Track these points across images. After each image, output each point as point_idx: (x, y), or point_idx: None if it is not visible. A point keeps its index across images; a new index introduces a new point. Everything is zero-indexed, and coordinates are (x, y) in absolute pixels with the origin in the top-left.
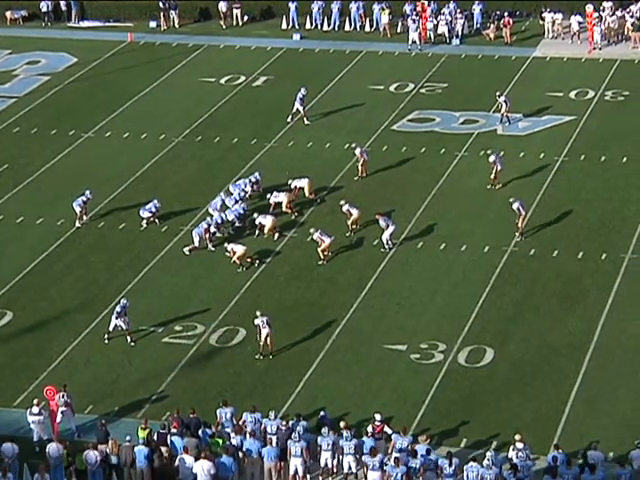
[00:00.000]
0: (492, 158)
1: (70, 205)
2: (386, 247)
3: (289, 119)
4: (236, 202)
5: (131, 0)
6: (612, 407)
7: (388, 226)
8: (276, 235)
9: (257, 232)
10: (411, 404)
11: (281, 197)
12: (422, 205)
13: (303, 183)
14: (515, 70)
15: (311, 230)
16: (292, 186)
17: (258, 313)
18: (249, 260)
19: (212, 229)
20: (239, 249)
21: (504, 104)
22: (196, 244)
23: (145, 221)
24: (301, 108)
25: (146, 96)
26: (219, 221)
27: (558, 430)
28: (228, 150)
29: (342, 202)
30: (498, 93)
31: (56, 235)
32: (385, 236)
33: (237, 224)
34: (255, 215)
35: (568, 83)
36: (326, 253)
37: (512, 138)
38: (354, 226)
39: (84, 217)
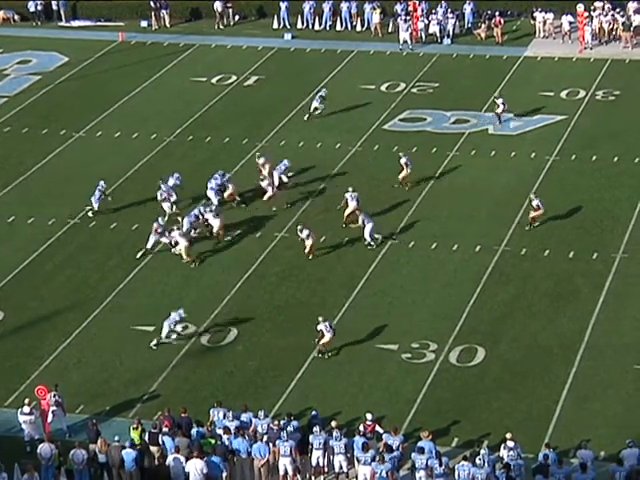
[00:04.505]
0: (403, 160)
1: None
2: (372, 243)
3: (306, 118)
4: (216, 194)
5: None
6: (603, 406)
7: (366, 223)
8: (225, 238)
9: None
10: (402, 403)
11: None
12: (413, 204)
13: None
14: (506, 70)
15: (299, 227)
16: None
17: (320, 319)
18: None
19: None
20: (182, 241)
21: (502, 105)
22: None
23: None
24: (321, 106)
25: (137, 96)
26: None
27: (549, 429)
28: (219, 150)
29: (350, 189)
30: (496, 94)
31: (47, 235)
32: (366, 234)
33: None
34: (206, 213)
35: (559, 83)
36: (312, 251)
37: (503, 137)
38: (348, 218)
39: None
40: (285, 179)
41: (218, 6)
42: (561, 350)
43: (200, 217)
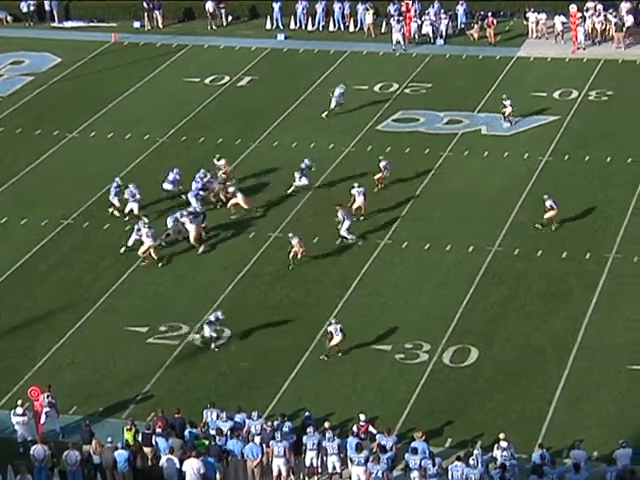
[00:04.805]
0: (383, 163)
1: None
2: (348, 238)
3: (324, 115)
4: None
5: (115, 0)
6: (596, 407)
7: (344, 220)
8: (201, 248)
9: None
10: (396, 404)
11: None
12: (407, 205)
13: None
14: (499, 70)
15: (290, 234)
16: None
17: (333, 320)
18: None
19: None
20: (147, 242)
21: (509, 107)
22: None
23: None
24: (341, 102)
25: (130, 96)
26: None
27: (542, 430)
28: (213, 150)
29: (355, 184)
30: (505, 95)
31: (40, 235)
32: (342, 230)
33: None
34: (183, 217)
35: (552, 83)
36: (297, 256)
37: (496, 138)
38: (354, 213)
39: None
40: (306, 181)
41: (210, 7)
42: (554, 351)
43: (178, 221)
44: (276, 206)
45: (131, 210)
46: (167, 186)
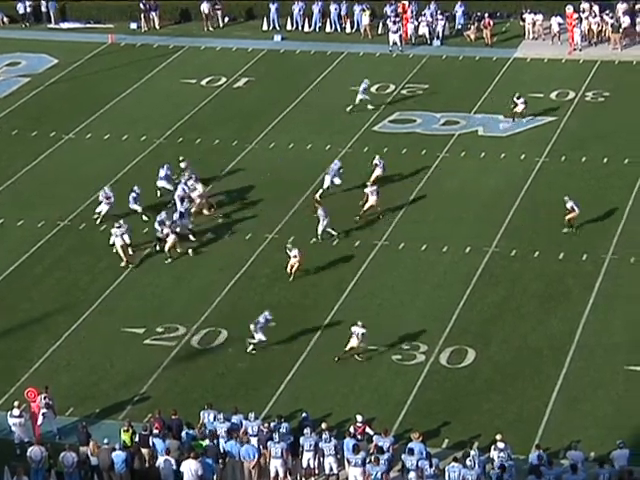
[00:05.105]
0: (377, 161)
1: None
2: (319, 238)
3: (348, 109)
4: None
5: (112, 1)
6: (593, 407)
7: (323, 218)
8: (168, 260)
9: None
10: (393, 405)
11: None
12: (403, 206)
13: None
14: (496, 71)
15: (288, 245)
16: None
17: (360, 323)
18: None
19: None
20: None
21: (522, 105)
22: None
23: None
24: (366, 98)
25: (127, 97)
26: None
27: (539, 430)
28: (209, 151)
29: (368, 183)
30: (518, 94)
31: (37, 237)
32: (319, 228)
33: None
34: (159, 226)
35: (549, 84)
36: (294, 270)
37: (493, 139)
38: (365, 212)
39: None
40: (338, 181)
41: (205, 8)
42: (551, 351)
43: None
44: (272, 208)
45: (101, 212)
46: (161, 183)
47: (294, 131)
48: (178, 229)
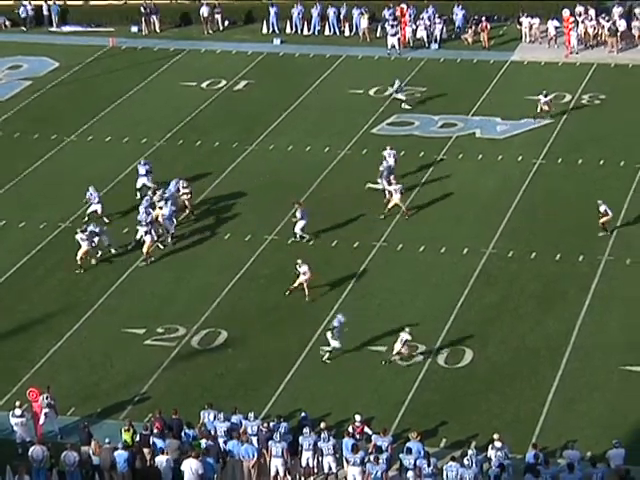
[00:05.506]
0: (387, 152)
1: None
2: (297, 238)
3: (405, 106)
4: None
5: (113, 2)
6: (589, 408)
7: (301, 219)
8: (147, 261)
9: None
10: (391, 405)
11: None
12: (402, 207)
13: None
14: (493, 74)
15: (298, 261)
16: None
17: (407, 329)
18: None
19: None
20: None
21: (546, 105)
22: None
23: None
24: (401, 95)
25: (128, 100)
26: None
27: (536, 430)
28: (209, 153)
29: (393, 182)
30: (545, 92)
31: (38, 238)
32: (297, 228)
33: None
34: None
35: (545, 87)
36: (307, 287)
37: (490, 141)
38: (390, 210)
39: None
40: (392, 182)
41: (204, 11)
42: (548, 352)
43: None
44: (272, 209)
45: (95, 211)
46: (141, 180)
47: (293, 133)
48: (154, 230)
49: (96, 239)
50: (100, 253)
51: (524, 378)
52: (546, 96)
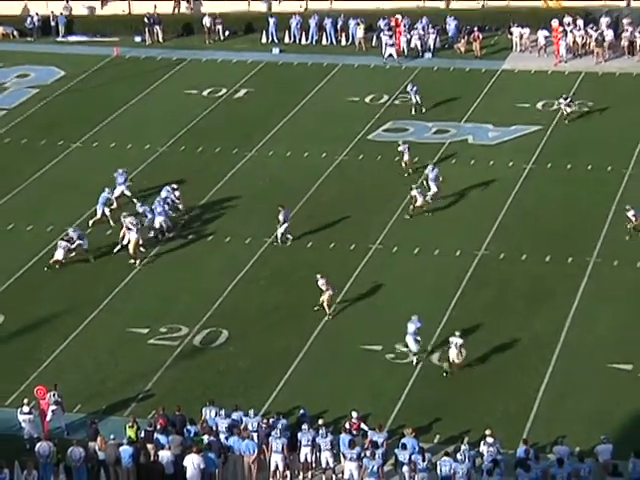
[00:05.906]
0: (402, 147)
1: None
2: (279, 242)
3: (413, 112)
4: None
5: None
6: (578, 404)
7: (284, 222)
8: (136, 261)
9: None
10: (386, 402)
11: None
12: (397, 211)
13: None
14: (485, 82)
15: (318, 275)
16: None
17: (457, 333)
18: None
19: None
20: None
21: (568, 107)
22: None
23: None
24: (419, 98)
25: (132, 108)
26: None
27: (527, 426)
28: (210, 159)
29: (414, 186)
30: (565, 95)
31: (45, 241)
32: (280, 231)
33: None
34: (125, 220)
35: (535, 94)
36: (329, 304)
37: (482, 147)
38: (414, 211)
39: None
40: (435, 188)
41: (207, 21)
42: (538, 350)
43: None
44: (271, 213)
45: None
46: (119, 188)
47: (292, 139)
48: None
49: (76, 244)
50: (74, 254)
51: (515, 376)
52: (566, 99)
